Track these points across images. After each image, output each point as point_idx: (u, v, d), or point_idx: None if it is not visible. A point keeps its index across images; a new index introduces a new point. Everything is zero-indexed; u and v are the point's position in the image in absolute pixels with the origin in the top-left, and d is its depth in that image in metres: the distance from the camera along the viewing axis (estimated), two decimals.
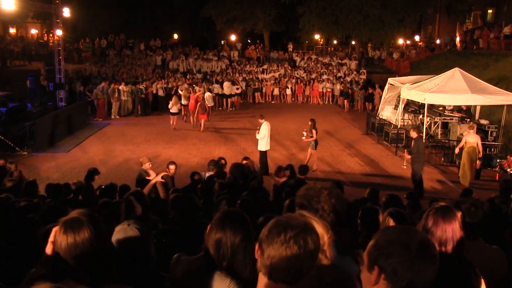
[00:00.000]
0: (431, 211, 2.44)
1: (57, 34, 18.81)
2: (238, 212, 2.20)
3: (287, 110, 22.73)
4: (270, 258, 1.56)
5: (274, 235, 1.57)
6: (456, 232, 2.37)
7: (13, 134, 13.83)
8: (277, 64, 28.94)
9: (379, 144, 15.68)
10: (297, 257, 1.54)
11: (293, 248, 1.54)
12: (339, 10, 29.64)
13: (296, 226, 1.57)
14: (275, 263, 1.56)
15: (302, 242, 1.55)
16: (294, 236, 1.55)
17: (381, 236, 1.56)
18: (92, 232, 1.95)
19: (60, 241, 1.95)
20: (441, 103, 13.85)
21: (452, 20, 37.54)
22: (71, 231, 1.94)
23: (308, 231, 1.58)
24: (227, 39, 38.25)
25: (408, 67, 28.51)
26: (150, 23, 36.23)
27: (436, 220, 2.38)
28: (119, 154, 13.95)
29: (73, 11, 20.76)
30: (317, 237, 1.61)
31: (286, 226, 1.58)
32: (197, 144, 15.43)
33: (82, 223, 1.96)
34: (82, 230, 1.94)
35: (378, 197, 6.17)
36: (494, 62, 21.50)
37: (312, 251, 1.57)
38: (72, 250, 1.92)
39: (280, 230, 1.57)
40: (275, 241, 1.56)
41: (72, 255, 1.93)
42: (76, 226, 1.95)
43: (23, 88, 20.59)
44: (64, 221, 1.99)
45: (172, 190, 6.46)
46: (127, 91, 20.82)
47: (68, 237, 1.93)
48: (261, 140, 11.96)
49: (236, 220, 2.11)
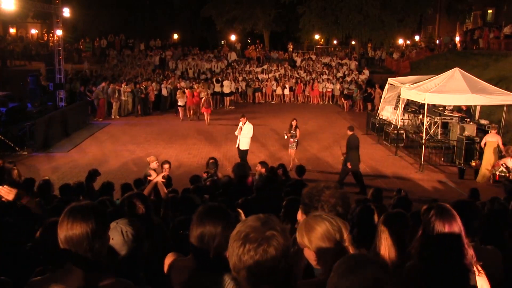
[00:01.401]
0: (433, 212, 2.43)
1: (57, 34, 18.81)
2: (216, 205, 2.23)
3: (287, 110, 22.72)
4: (236, 271, 1.64)
5: (236, 248, 1.64)
6: (462, 230, 2.39)
7: (13, 134, 13.82)
8: (277, 64, 28.94)
9: (379, 144, 15.68)
10: (262, 265, 1.59)
11: (254, 258, 1.60)
12: (339, 10, 29.64)
13: (255, 240, 1.62)
14: (242, 275, 1.62)
15: (262, 251, 1.60)
16: (254, 249, 1.60)
17: (333, 275, 1.58)
18: (96, 222, 1.96)
19: (63, 230, 1.94)
20: (441, 103, 13.84)
21: (452, 20, 37.54)
22: (73, 220, 1.94)
23: (268, 240, 1.62)
24: (227, 39, 38.27)
25: (408, 67, 28.52)
26: (150, 23, 36.24)
27: (441, 221, 2.38)
28: (119, 154, 13.94)
29: (73, 11, 20.77)
30: (282, 239, 1.64)
31: (246, 240, 1.63)
32: (197, 144, 15.43)
33: (88, 212, 1.97)
34: (87, 220, 1.94)
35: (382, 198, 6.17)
36: (494, 62, 21.50)
37: (277, 256, 1.61)
38: (74, 239, 1.92)
39: (240, 244, 1.63)
40: (237, 253, 1.63)
41: (74, 244, 1.92)
42: (81, 215, 1.95)
43: (23, 88, 20.59)
44: (69, 209, 1.99)
45: (170, 190, 6.44)
46: (128, 91, 20.85)
47: (72, 226, 1.93)
48: (245, 139, 11.92)
49: (214, 214, 2.13)
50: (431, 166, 12.92)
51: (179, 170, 11.75)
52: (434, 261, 2.34)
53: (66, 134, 16.27)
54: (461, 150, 12.71)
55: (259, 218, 1.70)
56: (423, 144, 12.85)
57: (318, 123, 19.09)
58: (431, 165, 12.98)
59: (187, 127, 18.38)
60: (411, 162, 13.40)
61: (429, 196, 9.67)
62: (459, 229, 2.40)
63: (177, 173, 11.04)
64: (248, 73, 27.32)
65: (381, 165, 13.20)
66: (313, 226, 2.05)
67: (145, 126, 18.55)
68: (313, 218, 2.09)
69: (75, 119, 17.62)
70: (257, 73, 27.47)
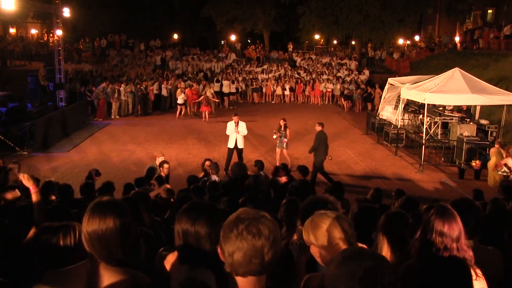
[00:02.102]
0: (433, 212, 2.43)
1: (57, 34, 18.80)
2: (197, 202, 2.28)
3: (287, 110, 22.71)
4: (231, 254, 1.62)
5: (228, 232, 1.63)
6: (461, 230, 2.39)
7: (13, 134, 13.81)
8: (277, 64, 28.93)
9: (379, 144, 15.67)
10: (255, 246, 1.59)
11: (247, 238, 1.59)
12: (339, 10, 29.63)
13: (246, 218, 1.63)
14: (236, 258, 1.61)
15: (255, 230, 1.60)
16: (245, 227, 1.60)
17: (330, 267, 1.58)
18: (125, 217, 1.97)
19: (89, 226, 1.94)
20: (441, 103, 13.83)
21: (452, 20, 37.54)
22: (99, 216, 1.94)
23: (259, 220, 1.63)
24: (227, 39, 38.27)
25: (408, 67, 28.52)
26: (150, 23, 36.23)
27: (441, 220, 2.38)
28: (119, 154, 13.94)
29: (73, 11, 20.76)
30: (272, 223, 1.65)
31: (237, 220, 1.64)
32: (197, 144, 15.42)
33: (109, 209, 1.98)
34: (109, 217, 1.94)
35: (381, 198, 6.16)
36: (494, 62, 21.51)
37: (269, 236, 1.61)
38: (100, 235, 1.92)
39: (232, 226, 1.63)
40: (230, 237, 1.62)
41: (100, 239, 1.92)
42: (104, 211, 1.96)
43: (23, 88, 20.59)
44: (93, 206, 2.00)
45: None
46: (128, 91, 20.85)
47: (97, 222, 1.93)
48: (241, 137, 11.94)
49: (195, 210, 2.17)
50: (431, 166, 12.92)
51: (179, 170, 11.75)
52: (433, 262, 2.34)
53: (66, 134, 16.26)
54: (461, 150, 12.71)
55: (249, 208, 1.74)
56: (423, 144, 12.85)
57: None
58: (431, 165, 12.98)
59: (187, 127, 18.37)
60: (411, 162, 13.40)
61: (429, 196, 9.68)
62: (459, 229, 2.40)
63: (177, 173, 11.05)
64: (248, 73, 27.31)
65: (381, 165, 13.20)
66: (318, 223, 2.12)
67: (145, 126, 18.54)
68: (319, 216, 2.15)
69: (75, 119, 17.61)
70: (257, 73, 27.47)
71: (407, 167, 13.02)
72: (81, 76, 24.35)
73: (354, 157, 13.95)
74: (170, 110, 21.86)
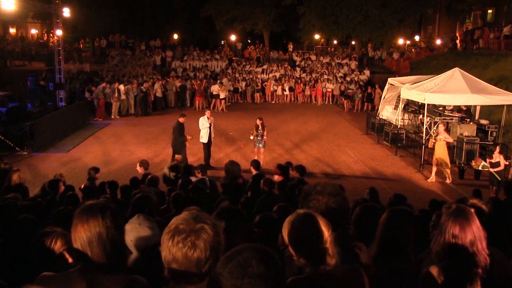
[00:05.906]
0: (449, 214, 2.42)
1: (57, 34, 18.81)
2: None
3: (287, 110, 22.72)
4: (168, 263, 1.64)
5: (166, 241, 1.65)
6: (480, 230, 2.38)
7: (13, 134, 13.82)
8: (277, 64, 28.91)
9: (379, 144, 15.67)
10: (190, 259, 1.60)
11: (182, 251, 1.60)
12: (339, 10, 29.64)
13: (184, 231, 1.63)
14: (173, 267, 1.63)
15: (190, 244, 1.60)
16: (182, 240, 1.61)
17: None
18: (111, 221, 1.93)
19: (82, 231, 1.91)
20: (441, 103, 13.83)
21: (452, 20, 37.56)
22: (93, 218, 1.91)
23: (197, 232, 1.62)
24: (227, 39, 38.25)
25: (408, 67, 28.51)
26: (150, 23, 36.23)
27: (455, 223, 2.36)
28: (119, 154, 13.95)
29: (73, 11, 20.78)
30: (211, 234, 1.64)
31: (175, 231, 1.64)
32: (198, 144, 15.39)
33: (99, 211, 1.94)
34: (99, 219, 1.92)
35: (378, 196, 6.16)
36: (494, 62, 21.51)
37: (205, 249, 1.61)
38: (93, 240, 1.89)
39: (170, 236, 1.64)
40: (168, 246, 1.63)
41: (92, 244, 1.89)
42: (94, 213, 1.92)
43: (23, 88, 20.59)
44: (82, 208, 1.96)
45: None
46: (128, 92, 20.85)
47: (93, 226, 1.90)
48: (207, 132, 12.62)
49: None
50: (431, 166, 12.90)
51: None
52: (453, 270, 2.29)
53: (66, 134, 16.27)
54: (461, 150, 12.71)
55: (191, 213, 1.72)
56: (423, 144, 12.85)
57: (318, 123, 19.08)
58: (431, 165, 12.96)
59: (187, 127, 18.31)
60: (411, 162, 13.40)
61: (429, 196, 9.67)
62: (472, 233, 2.36)
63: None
64: (248, 73, 27.30)
65: (381, 165, 13.19)
66: (284, 223, 2.12)
67: (145, 126, 18.54)
68: (292, 216, 2.13)
69: (75, 119, 17.61)
70: (257, 73, 27.45)
71: (407, 167, 13.01)
72: (81, 76, 24.33)
73: (354, 157, 13.96)
74: (169, 109, 21.92)
